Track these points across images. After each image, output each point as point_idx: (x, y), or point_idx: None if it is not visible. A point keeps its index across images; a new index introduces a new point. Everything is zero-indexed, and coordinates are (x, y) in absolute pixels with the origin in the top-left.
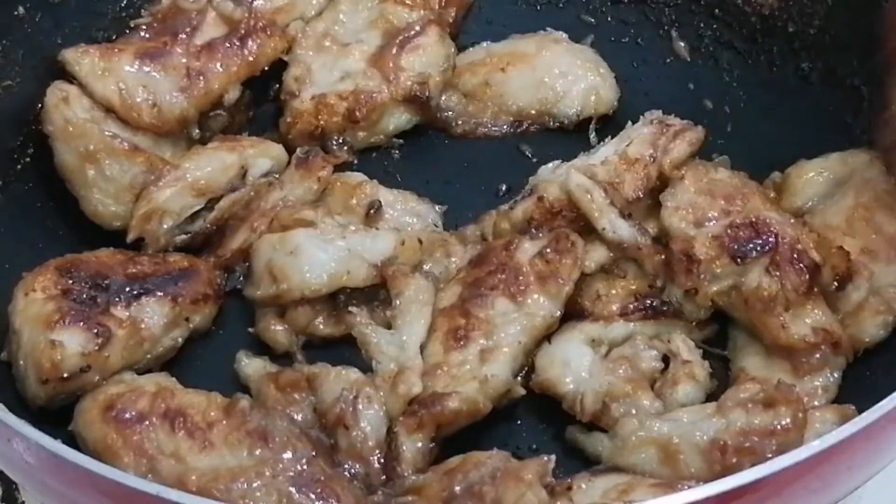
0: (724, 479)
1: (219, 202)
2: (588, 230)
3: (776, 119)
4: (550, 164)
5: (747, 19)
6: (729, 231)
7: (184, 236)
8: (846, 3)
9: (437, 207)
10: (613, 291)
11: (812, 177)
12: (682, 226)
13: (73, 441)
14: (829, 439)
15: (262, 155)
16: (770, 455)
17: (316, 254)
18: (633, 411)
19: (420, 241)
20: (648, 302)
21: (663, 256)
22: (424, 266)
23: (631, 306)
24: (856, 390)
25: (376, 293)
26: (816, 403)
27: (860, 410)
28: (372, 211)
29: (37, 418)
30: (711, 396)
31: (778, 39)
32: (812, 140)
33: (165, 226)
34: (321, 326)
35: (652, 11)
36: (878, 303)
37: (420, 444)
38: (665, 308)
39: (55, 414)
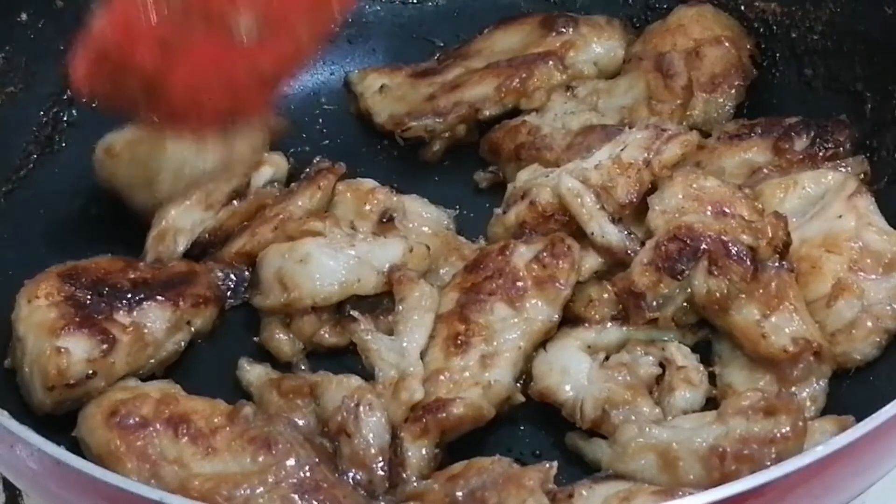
0: (727, 485)
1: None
2: (581, 235)
3: None
4: (530, 168)
5: (750, 25)
6: (658, 251)
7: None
8: (848, 8)
9: (448, 211)
10: (605, 295)
11: (785, 195)
12: (668, 229)
13: (76, 447)
14: (833, 445)
15: (265, 164)
16: (769, 463)
17: (326, 262)
18: (633, 418)
19: (428, 248)
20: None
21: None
22: (440, 271)
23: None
24: (860, 395)
25: (380, 301)
26: (806, 414)
27: (864, 415)
28: (384, 220)
29: (40, 424)
30: (712, 400)
31: (780, 45)
32: None
33: (181, 247)
34: (326, 336)
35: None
36: (870, 321)
37: (425, 450)
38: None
39: (58, 420)
